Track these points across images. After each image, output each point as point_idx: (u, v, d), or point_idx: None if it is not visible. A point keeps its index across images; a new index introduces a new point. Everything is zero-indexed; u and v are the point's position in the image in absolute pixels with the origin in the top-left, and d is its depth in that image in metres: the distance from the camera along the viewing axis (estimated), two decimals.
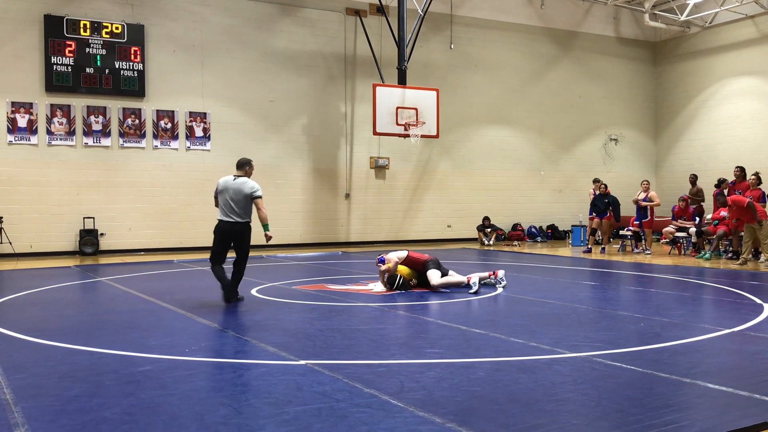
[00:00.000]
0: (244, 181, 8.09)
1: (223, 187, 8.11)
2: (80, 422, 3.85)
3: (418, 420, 3.85)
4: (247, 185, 8.05)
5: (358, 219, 18.80)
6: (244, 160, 8.30)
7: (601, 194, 16.74)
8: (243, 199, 8.01)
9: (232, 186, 8.06)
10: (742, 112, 20.45)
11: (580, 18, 21.90)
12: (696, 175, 16.98)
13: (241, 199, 8.00)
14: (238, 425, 3.78)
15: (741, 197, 13.06)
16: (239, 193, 8.00)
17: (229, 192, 8.04)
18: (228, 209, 8.03)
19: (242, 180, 8.10)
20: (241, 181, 8.08)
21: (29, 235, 15.33)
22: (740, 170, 14.70)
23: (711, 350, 5.74)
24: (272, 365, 5.13)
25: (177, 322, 7.10)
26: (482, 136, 20.45)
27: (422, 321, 7.05)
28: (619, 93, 22.68)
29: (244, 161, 8.29)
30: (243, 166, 8.24)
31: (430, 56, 19.39)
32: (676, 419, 3.86)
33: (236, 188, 8.02)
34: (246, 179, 8.13)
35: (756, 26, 20.17)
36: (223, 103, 17.18)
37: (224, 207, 8.06)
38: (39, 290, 9.61)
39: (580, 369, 4.99)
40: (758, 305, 7.91)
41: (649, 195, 16.01)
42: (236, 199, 7.99)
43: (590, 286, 10.61)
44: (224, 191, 8.08)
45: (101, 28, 15.78)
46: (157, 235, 16.51)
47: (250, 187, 8.04)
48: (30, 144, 15.35)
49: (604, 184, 16.93)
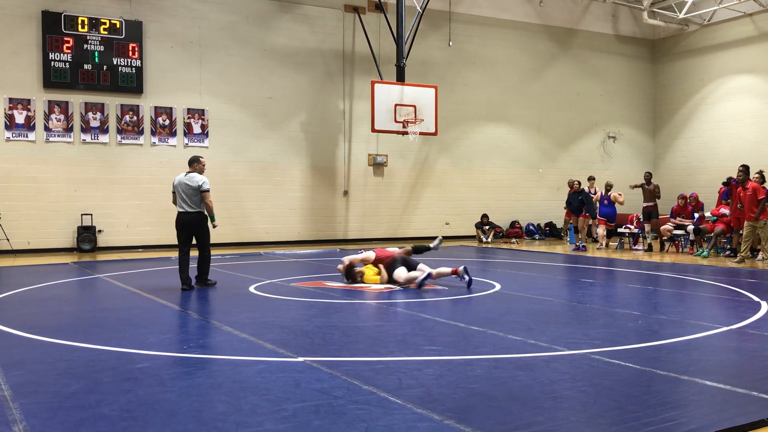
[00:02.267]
0: (193, 176, 9.18)
1: (177, 183, 9.22)
2: (78, 419, 3.85)
3: (416, 417, 3.85)
4: (195, 180, 9.13)
5: (356, 216, 18.80)
6: (193, 158, 9.38)
7: (575, 192, 16.84)
8: (193, 192, 9.10)
9: (183, 181, 9.17)
10: (740, 110, 20.47)
11: (578, 15, 21.89)
12: (650, 173, 16.86)
13: (191, 192, 9.10)
14: (236, 422, 3.78)
15: (760, 187, 12.81)
16: (189, 188, 9.11)
17: (181, 186, 9.16)
18: (182, 201, 9.14)
19: (191, 175, 9.19)
20: (190, 176, 9.18)
21: (27, 231, 15.30)
22: (744, 169, 14.43)
23: (709, 348, 5.75)
24: (270, 362, 5.13)
25: (175, 318, 7.10)
26: (480, 133, 20.45)
27: (420, 318, 7.06)
28: (617, 91, 22.69)
29: (194, 159, 9.37)
30: (192, 163, 9.34)
31: (429, 53, 19.38)
32: (673, 416, 3.86)
33: (186, 183, 9.14)
34: (195, 174, 9.19)
35: (754, 24, 20.18)
36: (221, 100, 17.16)
37: (179, 200, 9.18)
38: (37, 287, 9.60)
39: (578, 366, 5.00)
40: (756, 303, 7.93)
41: (612, 195, 16.41)
42: (188, 192, 9.11)
43: (588, 283, 10.62)
44: (178, 186, 9.19)
45: (99, 25, 15.74)
46: (155, 232, 16.48)
47: (197, 181, 9.12)
48: (28, 140, 15.32)
49: (578, 181, 17.11)
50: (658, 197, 16.30)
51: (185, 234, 9.23)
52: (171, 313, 7.40)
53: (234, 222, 17.03)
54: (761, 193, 12.61)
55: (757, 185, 12.78)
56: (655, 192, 16.27)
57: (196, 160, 9.36)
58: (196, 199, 9.11)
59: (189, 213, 9.12)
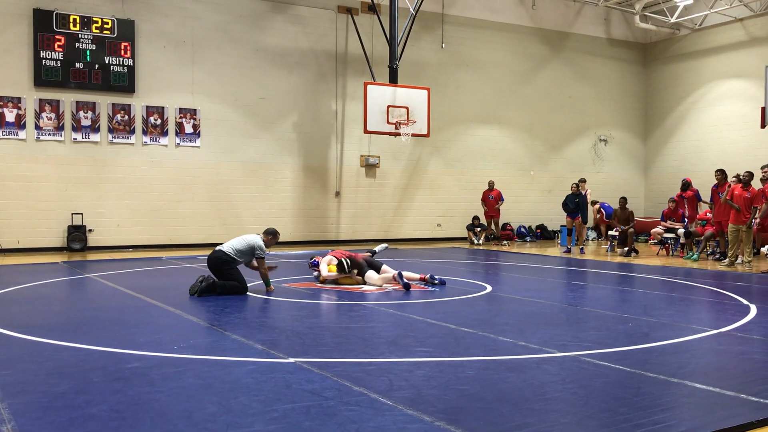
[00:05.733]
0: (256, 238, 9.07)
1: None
2: (67, 419, 3.83)
3: (407, 418, 3.85)
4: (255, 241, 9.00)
5: (348, 217, 18.79)
6: (272, 230, 9.28)
7: (573, 194, 16.90)
8: (245, 248, 8.95)
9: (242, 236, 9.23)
10: (730, 114, 20.59)
11: (571, 19, 21.97)
12: (626, 198, 16.62)
13: (243, 247, 8.95)
14: (226, 423, 3.77)
15: (758, 193, 12.82)
16: (245, 242, 9.03)
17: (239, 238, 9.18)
18: (229, 244, 9.06)
19: (254, 236, 9.12)
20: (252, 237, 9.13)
21: (16, 230, 15.22)
22: (721, 173, 14.53)
23: (698, 350, 5.78)
24: (261, 363, 5.12)
25: (165, 319, 7.07)
26: (473, 135, 20.49)
27: (412, 320, 7.06)
28: (609, 94, 22.78)
29: (272, 231, 9.26)
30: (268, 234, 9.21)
31: (422, 55, 19.41)
32: (663, 419, 3.88)
33: (244, 238, 9.11)
34: (258, 238, 9.03)
35: (745, 29, 20.31)
36: (213, 100, 17.12)
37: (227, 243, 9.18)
38: (26, 286, 9.54)
39: (569, 368, 5.02)
40: (745, 306, 7.97)
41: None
42: (241, 244, 8.99)
43: (579, 285, 10.65)
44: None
45: (91, 23, 15.68)
46: (146, 232, 16.44)
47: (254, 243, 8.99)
48: (18, 139, 15.24)
49: (576, 183, 17.16)
50: (632, 222, 16.03)
51: (213, 272, 8.93)
52: (161, 313, 7.37)
53: (225, 222, 17.00)
54: (757, 201, 12.67)
55: (755, 190, 12.87)
56: (630, 218, 16.02)
57: (273, 233, 9.19)
58: (244, 252, 8.90)
59: (224, 252, 8.85)
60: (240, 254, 8.89)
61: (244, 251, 8.90)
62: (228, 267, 8.84)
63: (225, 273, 8.83)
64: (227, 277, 8.82)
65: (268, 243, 9.09)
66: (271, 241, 9.14)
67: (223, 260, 8.84)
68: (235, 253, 8.86)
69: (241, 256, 8.92)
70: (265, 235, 9.15)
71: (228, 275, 8.82)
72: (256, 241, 8.95)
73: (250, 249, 8.90)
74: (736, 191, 13.09)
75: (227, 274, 8.83)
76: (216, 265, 8.86)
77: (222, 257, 8.85)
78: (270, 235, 9.17)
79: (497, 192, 19.03)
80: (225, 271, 8.83)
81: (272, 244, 9.19)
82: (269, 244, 9.12)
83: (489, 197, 19.05)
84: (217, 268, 8.86)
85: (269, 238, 9.12)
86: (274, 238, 9.19)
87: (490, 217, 19.29)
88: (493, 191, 19.05)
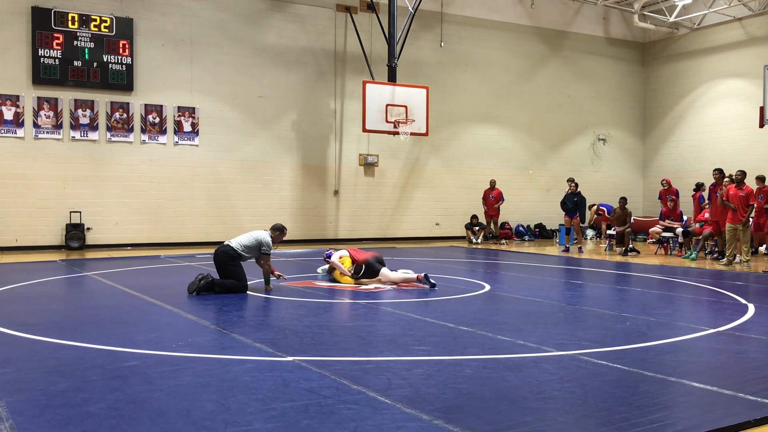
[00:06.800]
0: (263, 234, 9.06)
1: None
2: (66, 417, 3.83)
3: (405, 417, 3.85)
4: (263, 237, 8.98)
5: (346, 216, 18.79)
6: (279, 226, 9.29)
7: (571, 193, 16.91)
8: (252, 244, 8.92)
9: (249, 232, 9.26)
10: (729, 113, 20.61)
11: (569, 18, 21.97)
12: (626, 198, 16.59)
13: (250, 243, 8.93)
14: (224, 421, 3.77)
15: (752, 192, 12.96)
16: (252, 238, 9.01)
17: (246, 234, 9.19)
18: (236, 240, 9.07)
19: (261, 232, 9.11)
20: (260, 233, 9.12)
21: (15, 228, 15.20)
22: (719, 172, 14.56)
23: (696, 349, 5.79)
24: (260, 361, 5.12)
25: (164, 317, 7.07)
26: (471, 134, 20.49)
27: (410, 318, 7.06)
28: (607, 93, 22.79)
29: (279, 226, 9.28)
30: (275, 230, 9.23)
31: (420, 54, 19.40)
32: (661, 417, 3.89)
33: (251, 234, 9.10)
34: (266, 234, 9.03)
35: (743, 29, 20.32)
36: (211, 98, 17.10)
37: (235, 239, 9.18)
38: (24, 284, 9.53)
39: (567, 367, 5.02)
40: (743, 305, 7.99)
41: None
42: (248, 239, 9.00)
43: (577, 284, 10.66)
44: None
45: (89, 21, 15.66)
46: (144, 230, 16.43)
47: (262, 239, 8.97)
48: (16, 137, 15.22)
49: (575, 183, 17.15)
50: (629, 222, 16.04)
51: (217, 267, 8.96)
52: (160, 312, 7.37)
53: (224, 221, 16.99)
54: (752, 199, 12.79)
55: (751, 189, 12.96)
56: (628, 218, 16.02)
57: (279, 229, 9.21)
58: (250, 248, 8.88)
59: (231, 247, 8.86)
60: (247, 250, 8.89)
61: (251, 247, 8.90)
62: (232, 262, 8.85)
63: (228, 269, 8.83)
64: (229, 273, 8.82)
65: (276, 239, 9.11)
66: (279, 236, 9.16)
67: (230, 255, 8.85)
68: (242, 249, 8.87)
69: (248, 252, 8.91)
70: (273, 230, 9.16)
71: (230, 272, 8.82)
72: (263, 237, 8.94)
73: (257, 244, 8.89)
74: (731, 191, 13.18)
75: (230, 270, 8.83)
76: (222, 259, 8.88)
77: (228, 251, 8.86)
78: (277, 230, 9.18)
79: (498, 191, 19.04)
80: (228, 266, 8.83)
81: (279, 239, 9.20)
82: (276, 240, 9.12)
83: (489, 196, 19.06)
84: (221, 263, 8.88)
85: (276, 234, 9.14)
86: (281, 234, 9.21)
87: (489, 216, 19.29)
88: (494, 190, 19.06)
